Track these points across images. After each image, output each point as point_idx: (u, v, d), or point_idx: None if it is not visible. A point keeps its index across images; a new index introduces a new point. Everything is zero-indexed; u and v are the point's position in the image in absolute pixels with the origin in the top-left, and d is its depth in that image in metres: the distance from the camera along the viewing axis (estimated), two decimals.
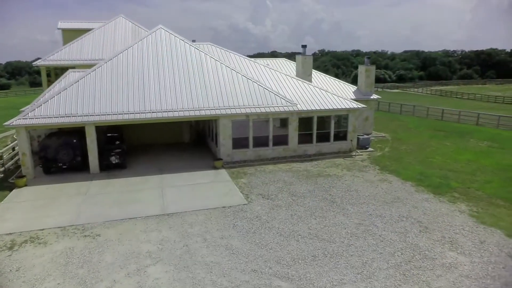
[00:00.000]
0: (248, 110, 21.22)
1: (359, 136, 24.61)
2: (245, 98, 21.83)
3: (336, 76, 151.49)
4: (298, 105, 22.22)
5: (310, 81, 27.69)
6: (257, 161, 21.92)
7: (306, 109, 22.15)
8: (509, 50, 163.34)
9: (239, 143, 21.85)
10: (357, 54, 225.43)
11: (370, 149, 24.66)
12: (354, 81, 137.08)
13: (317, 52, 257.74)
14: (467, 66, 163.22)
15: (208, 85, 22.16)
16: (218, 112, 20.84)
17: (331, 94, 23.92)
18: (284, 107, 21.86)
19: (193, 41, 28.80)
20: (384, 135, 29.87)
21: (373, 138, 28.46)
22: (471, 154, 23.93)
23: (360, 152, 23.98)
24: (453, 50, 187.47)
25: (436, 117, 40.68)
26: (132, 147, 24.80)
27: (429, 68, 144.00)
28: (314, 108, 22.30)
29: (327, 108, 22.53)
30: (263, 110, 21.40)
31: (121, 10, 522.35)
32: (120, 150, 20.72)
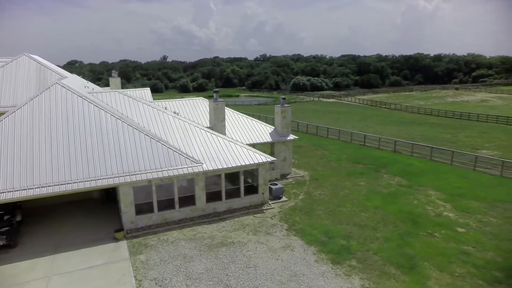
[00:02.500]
0: (150, 175, 20.14)
1: (272, 186, 24.45)
2: (147, 161, 20.72)
3: (276, 83, 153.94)
4: (204, 164, 21.52)
5: (223, 127, 27.16)
6: (163, 225, 20.91)
7: (212, 168, 21.50)
8: (432, 55, 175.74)
9: (143, 208, 20.73)
10: (298, 58, 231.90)
11: (283, 198, 24.59)
12: (293, 88, 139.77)
13: (259, 57, 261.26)
14: (398, 70, 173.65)
15: (107, 149, 20.75)
16: (117, 180, 19.55)
17: (241, 146, 23.50)
18: (189, 168, 21.06)
19: (113, 70, 26.94)
20: (303, 174, 30.10)
21: (291, 180, 28.56)
22: (379, 199, 24.66)
23: (273, 203, 23.80)
24: (385, 55, 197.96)
25: (359, 142, 42.10)
26: (32, 210, 22.69)
27: (362, 76, 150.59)
28: (221, 167, 21.71)
29: (235, 165, 22.04)
30: (165, 174, 20.43)
31: (60, 11, 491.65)
32: (8, 228, 18.76)
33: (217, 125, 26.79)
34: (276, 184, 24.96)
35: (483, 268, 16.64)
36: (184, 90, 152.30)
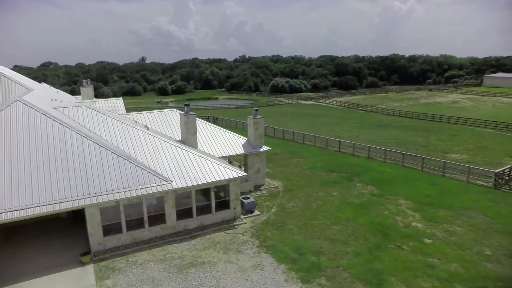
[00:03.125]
0: (117, 196, 19.70)
1: (244, 200, 24.36)
2: (114, 180, 20.27)
3: (255, 85, 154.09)
4: (174, 182, 21.22)
5: (195, 140, 26.89)
6: (132, 245, 20.51)
7: (182, 186, 21.21)
8: (407, 56, 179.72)
9: (111, 228, 20.29)
10: (277, 59, 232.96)
11: (256, 212, 24.53)
12: (272, 90, 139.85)
13: (238, 58, 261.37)
14: (375, 70, 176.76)
15: (72, 169, 20.20)
16: (82, 202, 19.03)
17: (212, 162, 23.29)
18: (158, 186, 20.73)
19: (88, 77, 26.15)
20: (276, 184, 30.12)
21: (264, 192, 28.53)
22: (351, 210, 24.90)
23: (245, 218, 23.71)
24: (363, 56, 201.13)
25: (334, 148, 42.47)
26: None
27: (340, 77, 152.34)
28: (191, 184, 21.45)
29: (205, 182, 21.82)
30: (134, 193, 20.03)
31: (34, 11, 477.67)
32: None
33: (188, 138, 26.50)
34: (248, 198, 24.88)
35: (446, 281, 17.02)
36: (163, 93, 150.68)
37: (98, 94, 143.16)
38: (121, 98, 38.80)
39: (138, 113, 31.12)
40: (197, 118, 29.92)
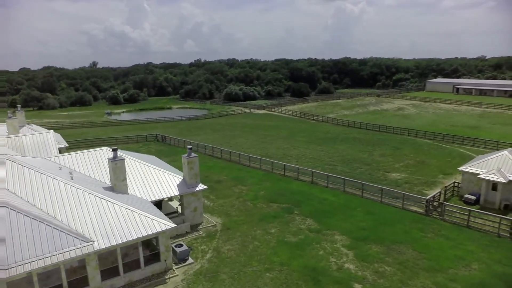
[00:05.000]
0: (28, 267, 18.14)
1: (177, 249, 23.50)
2: (26, 248, 18.68)
3: (210, 92, 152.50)
4: (96, 243, 19.96)
5: (125, 185, 25.63)
6: None
7: (105, 246, 19.99)
8: (358, 59, 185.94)
9: None
10: (232, 63, 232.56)
11: (189, 260, 23.76)
12: (226, 98, 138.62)
13: (193, 62, 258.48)
14: (328, 74, 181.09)
15: None
16: None
17: (139, 213, 22.21)
18: (78, 249, 19.39)
19: (11, 111, 23.66)
20: (215, 222, 29.46)
21: (201, 232, 27.78)
22: (287, 252, 24.71)
23: (177, 268, 22.87)
24: (316, 59, 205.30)
25: (280, 172, 42.40)
26: None
27: (294, 84, 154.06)
28: (115, 243, 20.27)
29: (131, 238, 20.73)
30: (49, 261, 18.54)
31: None
32: None
33: (117, 184, 25.21)
34: (182, 246, 24.03)
35: None
36: (114, 102, 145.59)
37: (43, 105, 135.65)
38: (52, 131, 36.56)
39: (67, 155, 29.24)
40: (129, 158, 28.77)
